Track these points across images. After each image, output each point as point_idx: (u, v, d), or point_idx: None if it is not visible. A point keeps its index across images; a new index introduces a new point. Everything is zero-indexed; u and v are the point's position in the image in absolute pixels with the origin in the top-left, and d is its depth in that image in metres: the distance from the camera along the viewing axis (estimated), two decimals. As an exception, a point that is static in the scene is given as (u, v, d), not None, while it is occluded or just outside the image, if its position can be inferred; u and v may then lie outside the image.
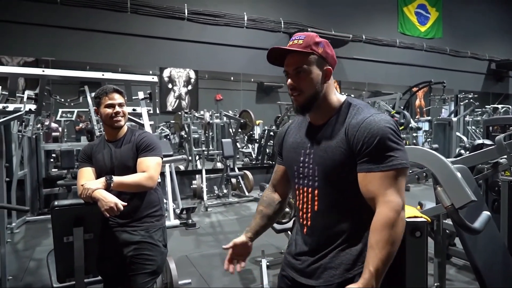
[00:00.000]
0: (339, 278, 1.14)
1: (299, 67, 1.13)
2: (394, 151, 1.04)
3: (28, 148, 5.00)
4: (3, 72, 2.17)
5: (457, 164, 1.66)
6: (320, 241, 1.19)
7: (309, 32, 1.17)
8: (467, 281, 2.98)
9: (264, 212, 1.37)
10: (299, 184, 1.22)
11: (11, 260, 3.23)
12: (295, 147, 1.24)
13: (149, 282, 1.83)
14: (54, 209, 1.65)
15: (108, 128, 1.88)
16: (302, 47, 1.12)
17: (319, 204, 1.17)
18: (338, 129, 1.12)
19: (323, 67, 1.14)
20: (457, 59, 10.25)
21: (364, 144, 1.05)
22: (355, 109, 1.14)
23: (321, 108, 1.16)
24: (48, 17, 5.80)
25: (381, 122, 1.06)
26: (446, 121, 7.31)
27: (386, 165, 1.03)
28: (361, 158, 1.07)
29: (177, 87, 7.18)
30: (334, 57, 1.18)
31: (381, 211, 1.04)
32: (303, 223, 1.22)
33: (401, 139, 1.08)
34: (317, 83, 1.13)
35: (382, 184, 1.04)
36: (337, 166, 1.11)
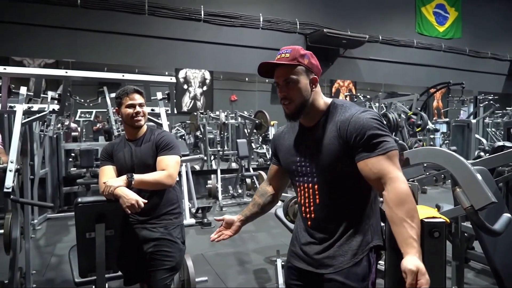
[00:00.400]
0: (348, 263, 1.23)
1: (287, 78, 1.24)
2: (383, 137, 1.15)
3: (49, 147, 5.16)
4: (30, 73, 2.26)
5: (477, 166, 1.64)
6: (324, 231, 1.28)
7: (294, 46, 1.28)
8: (486, 286, 2.93)
9: (256, 201, 1.52)
10: (299, 181, 1.33)
11: (33, 255, 3.33)
12: (292, 149, 1.35)
13: (168, 278, 1.87)
14: (78, 205, 1.70)
15: (129, 127, 1.93)
16: (289, 60, 1.23)
17: (319, 197, 1.27)
18: (329, 127, 1.24)
19: (310, 76, 1.26)
20: (476, 60, 10.03)
21: (358, 136, 1.16)
22: (343, 108, 1.26)
23: (311, 112, 1.28)
24: (68, 19, 5.95)
25: (367, 115, 1.18)
26: (465, 123, 7.17)
27: (381, 149, 1.14)
28: (357, 148, 1.17)
29: (192, 88, 7.26)
30: (319, 67, 1.30)
31: (395, 186, 1.11)
32: (307, 217, 1.32)
33: (386, 128, 1.20)
34: (305, 91, 1.25)
35: (384, 164, 1.14)
36: (332, 160, 1.22)
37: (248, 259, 3.60)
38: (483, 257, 2.67)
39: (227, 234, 1.45)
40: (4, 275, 2.28)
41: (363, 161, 1.16)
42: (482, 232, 1.37)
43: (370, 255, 1.26)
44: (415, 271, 1.00)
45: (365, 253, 1.24)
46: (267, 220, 4.97)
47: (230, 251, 3.81)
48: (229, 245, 4.03)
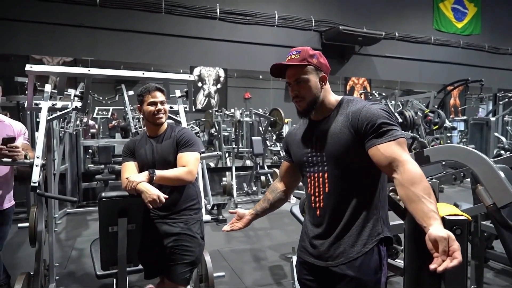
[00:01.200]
0: (358, 253, 1.26)
1: (298, 78, 1.31)
2: (393, 127, 1.20)
3: (69, 143, 5.28)
4: (55, 71, 2.32)
5: (499, 164, 1.62)
6: (333, 220, 1.30)
7: (303, 47, 1.34)
8: (506, 286, 2.89)
9: (267, 197, 1.58)
10: (310, 172, 1.36)
11: (55, 248, 3.42)
12: (302, 142, 1.40)
13: (188, 272, 1.91)
14: (102, 200, 1.74)
15: (150, 124, 1.97)
16: (299, 60, 1.30)
17: (329, 185, 1.30)
18: (340, 118, 1.29)
19: (319, 75, 1.33)
20: (496, 56, 9.80)
21: (369, 123, 1.21)
22: (353, 102, 1.32)
23: (321, 108, 1.34)
24: (87, 18, 6.07)
25: (378, 107, 1.24)
26: (483, 121, 7.03)
27: (392, 135, 1.18)
28: (369, 136, 1.21)
29: (207, 86, 7.31)
30: (328, 65, 1.37)
31: (408, 167, 1.12)
32: (316, 206, 1.35)
33: (395, 120, 1.25)
34: (315, 89, 1.31)
35: (395, 149, 1.17)
36: (343, 148, 1.26)
37: (264, 255, 3.63)
38: (503, 256, 2.64)
39: (238, 226, 1.54)
40: (29, 267, 2.36)
41: (374, 147, 1.20)
42: (504, 230, 1.36)
43: (380, 247, 1.28)
44: (446, 237, 0.99)
45: (375, 243, 1.26)
46: (282, 217, 4.99)
47: (245, 248, 3.84)
48: (245, 241, 4.06)
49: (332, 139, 1.28)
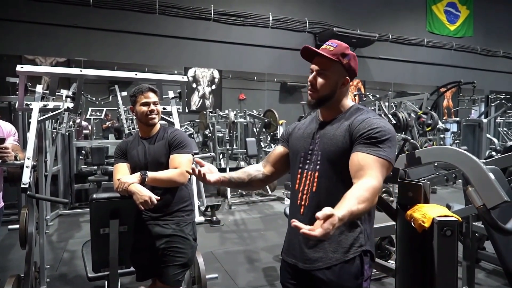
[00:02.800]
0: (338, 260, 1.24)
1: (322, 70, 1.28)
2: (384, 145, 1.18)
3: (61, 144, 5.23)
4: (46, 72, 2.31)
5: (489, 165, 1.63)
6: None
7: (341, 43, 1.30)
8: (497, 286, 2.91)
9: (248, 171, 1.47)
10: (302, 169, 1.34)
11: (46, 250, 3.39)
12: (305, 137, 1.37)
13: (180, 274, 1.90)
14: (93, 201, 1.73)
15: (143, 125, 1.96)
16: (331, 54, 1.26)
17: (317, 185, 1.28)
18: (345, 123, 1.28)
19: (343, 76, 1.29)
20: (488, 59, 9.90)
21: (364, 133, 1.20)
22: (362, 111, 1.30)
23: (333, 107, 1.33)
24: (80, 18, 6.03)
25: (382, 123, 1.22)
26: (475, 122, 7.09)
27: (378, 153, 1.16)
28: (358, 142, 1.20)
29: (201, 87, 7.29)
30: (356, 71, 1.32)
31: (370, 180, 1.11)
32: (301, 204, 1.32)
33: (393, 144, 1.21)
34: (332, 88, 1.29)
35: (372, 165, 1.15)
36: (339, 152, 1.25)
37: (257, 257, 3.62)
38: (494, 257, 2.66)
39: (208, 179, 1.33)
40: (19, 269, 2.34)
41: (356, 153, 1.19)
42: (494, 231, 1.37)
43: (363, 257, 1.25)
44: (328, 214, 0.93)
45: (357, 254, 1.24)
46: (276, 219, 4.99)
47: (239, 249, 3.83)
48: (238, 243, 4.06)
49: (331, 141, 1.28)
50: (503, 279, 2.91)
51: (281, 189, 6.18)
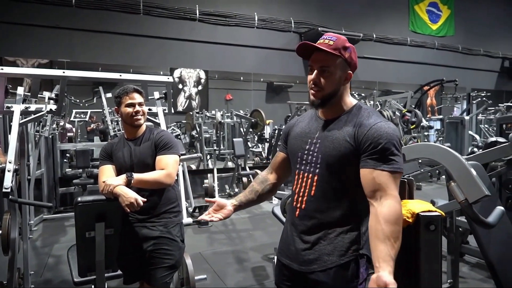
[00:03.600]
0: (333, 263, 1.21)
1: (325, 66, 1.21)
2: (396, 157, 1.14)
3: (45, 148, 5.13)
4: (28, 73, 2.26)
5: (471, 161, 1.67)
6: (311, 225, 1.25)
7: (339, 35, 1.24)
8: (481, 279, 2.98)
9: (255, 188, 1.45)
10: (300, 169, 1.30)
11: (31, 256, 3.32)
12: (303, 136, 1.32)
13: (168, 276, 1.88)
14: (78, 205, 1.70)
15: (128, 126, 1.94)
16: (332, 48, 1.20)
17: (316, 189, 1.24)
18: (348, 125, 1.21)
19: (346, 71, 1.24)
20: (469, 57, 10.13)
21: (372, 143, 1.14)
22: (366, 112, 1.24)
23: (334, 105, 1.26)
24: (62, 19, 5.92)
25: (390, 129, 1.16)
26: (458, 119, 7.25)
27: (390, 166, 1.13)
28: (367, 155, 1.15)
29: (188, 87, 7.25)
30: (357, 64, 1.27)
31: (391, 203, 1.10)
32: (297, 206, 1.29)
33: (401, 149, 1.18)
34: (337, 84, 1.23)
35: (387, 180, 1.12)
36: (341, 157, 1.20)
37: (246, 257, 3.62)
38: (477, 251, 2.72)
39: (218, 217, 1.37)
40: (2, 276, 2.28)
41: (368, 169, 1.15)
42: (476, 224, 1.41)
43: (359, 260, 1.22)
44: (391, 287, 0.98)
45: (353, 257, 1.21)
46: (265, 218, 5.00)
47: (228, 250, 3.83)
48: (227, 243, 4.05)
49: (333, 144, 1.22)
50: (486, 271, 2.98)
51: (269, 188, 6.18)
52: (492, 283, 2.48)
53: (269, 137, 7.87)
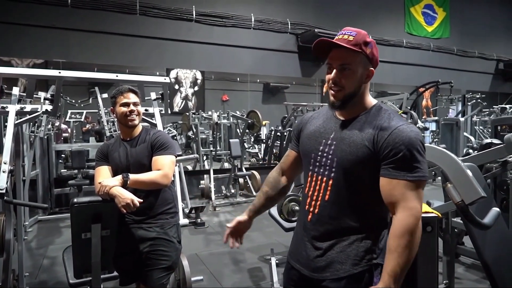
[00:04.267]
0: (345, 272, 1.15)
1: (345, 64, 1.13)
2: (419, 163, 1.07)
3: (40, 148, 5.09)
4: (23, 74, 2.25)
5: (467, 163, 1.68)
6: (324, 231, 1.19)
7: (359, 30, 1.16)
8: (476, 280, 3.00)
9: (269, 194, 1.40)
10: (313, 171, 1.23)
11: (25, 257, 3.30)
12: (317, 135, 1.24)
13: (164, 277, 1.88)
14: (74, 206, 1.69)
15: (123, 126, 1.94)
16: (352, 44, 1.12)
17: (330, 194, 1.18)
18: (367, 128, 1.14)
19: (368, 68, 1.16)
20: (464, 59, 10.20)
21: (393, 150, 1.08)
22: (387, 114, 1.16)
23: (353, 105, 1.18)
24: (58, 19, 5.88)
25: (412, 133, 1.09)
26: (453, 121, 7.29)
27: (413, 175, 1.07)
28: (387, 163, 1.09)
29: (184, 88, 7.24)
30: (378, 60, 1.20)
31: (401, 217, 1.07)
32: (309, 210, 1.23)
33: (425, 153, 1.11)
34: (358, 82, 1.16)
35: (406, 191, 1.07)
36: (358, 162, 1.13)
37: (243, 258, 3.62)
38: (473, 252, 2.74)
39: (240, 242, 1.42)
40: (-3, 278, 2.26)
41: (387, 179, 1.09)
42: (472, 226, 1.41)
43: (374, 272, 1.16)
44: None
45: (366, 267, 1.15)
46: (261, 219, 4.97)
47: (224, 251, 3.82)
48: (223, 244, 4.01)
49: (350, 148, 1.14)
50: (481, 272, 3.00)
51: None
52: (487, 284, 2.50)
53: (265, 138, 7.88)
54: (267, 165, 7.50)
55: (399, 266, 1.05)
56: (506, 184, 2.72)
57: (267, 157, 7.58)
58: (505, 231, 1.95)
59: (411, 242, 1.06)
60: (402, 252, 1.05)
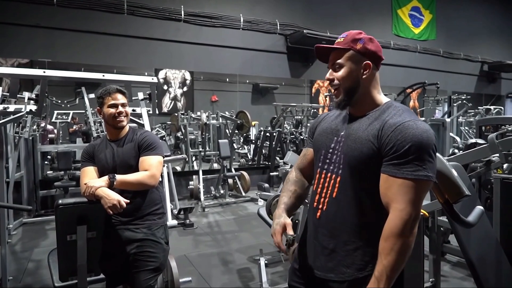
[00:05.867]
0: (350, 276, 1.15)
1: (335, 63, 1.19)
2: (423, 162, 1.02)
3: (24, 149, 5.00)
4: (6, 73, 2.20)
5: (452, 162, 1.70)
6: (331, 229, 1.19)
7: (351, 30, 1.22)
8: (461, 277, 3.04)
9: (298, 192, 1.34)
10: (322, 168, 1.23)
11: (9, 261, 3.22)
12: (329, 132, 1.25)
13: (152, 279, 1.86)
14: (58, 207, 1.66)
15: (111, 127, 1.91)
16: (342, 44, 1.18)
17: (338, 191, 1.17)
18: (373, 124, 1.13)
19: (362, 62, 1.17)
20: (450, 61, 10.38)
21: (394, 146, 1.04)
22: (396, 110, 1.14)
23: (361, 101, 1.19)
24: (44, 18, 5.79)
25: (419, 129, 1.04)
26: (440, 121, 7.40)
27: (411, 173, 1.02)
28: (388, 159, 1.06)
29: (173, 89, 7.20)
30: (377, 53, 1.20)
31: (390, 219, 1.05)
32: (318, 207, 1.22)
33: (435, 152, 1.06)
34: (352, 77, 1.17)
35: (400, 191, 1.03)
36: (363, 159, 1.11)
37: (232, 259, 3.61)
38: (458, 250, 2.78)
39: None
40: (-21, 282, 2.21)
41: (385, 176, 1.07)
42: (457, 224, 1.43)
43: None
44: None
45: (370, 273, 1.11)
46: (250, 220, 4.99)
47: (213, 252, 3.80)
48: (212, 245, 4.02)
49: (356, 144, 1.13)
50: (467, 270, 3.05)
51: (255, 190, 6.19)
52: (472, 282, 2.54)
53: (254, 139, 7.88)
54: (256, 165, 7.50)
55: (385, 269, 1.03)
56: (490, 183, 2.77)
57: (256, 157, 7.58)
58: (488, 230, 1.98)
59: (396, 245, 1.02)
60: (387, 255, 1.03)
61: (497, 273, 1.90)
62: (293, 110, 7.83)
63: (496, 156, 2.47)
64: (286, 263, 3.28)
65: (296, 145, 7.53)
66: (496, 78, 11.42)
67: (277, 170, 3.15)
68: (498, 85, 11.58)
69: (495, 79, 11.43)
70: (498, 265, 1.92)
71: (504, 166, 2.81)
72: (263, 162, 7.51)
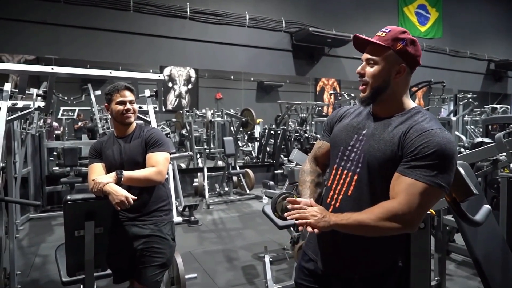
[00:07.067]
0: (361, 273, 1.17)
1: (369, 58, 1.15)
2: (440, 170, 1.01)
3: (31, 145, 5.05)
4: (15, 69, 2.22)
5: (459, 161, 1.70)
6: None
7: (396, 27, 1.16)
8: (466, 276, 3.04)
9: (316, 182, 1.32)
10: (339, 165, 1.22)
11: (17, 256, 3.26)
12: (349, 129, 1.23)
13: (159, 275, 1.87)
14: (67, 203, 1.68)
15: (118, 124, 1.92)
16: (382, 40, 1.14)
17: (353, 190, 1.16)
18: (399, 127, 1.11)
19: (397, 64, 1.13)
20: (456, 59, 10.30)
21: (416, 150, 1.03)
22: (424, 117, 1.11)
23: (387, 102, 1.16)
24: (50, 15, 5.82)
25: (444, 139, 1.03)
26: (445, 120, 7.35)
27: (424, 176, 1.01)
28: (406, 161, 1.05)
29: (178, 86, 7.21)
30: (416, 58, 1.16)
31: (388, 202, 1.05)
32: (331, 203, 1.21)
33: (454, 165, 1.05)
34: (385, 77, 1.13)
35: (406, 190, 1.02)
36: (384, 160, 1.10)
37: (236, 256, 3.62)
38: (464, 249, 2.78)
39: None
40: (-12, 276, 2.24)
41: (398, 174, 1.05)
42: (464, 223, 1.43)
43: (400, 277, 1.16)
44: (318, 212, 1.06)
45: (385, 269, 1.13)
46: (254, 217, 5.00)
47: (218, 248, 3.82)
48: (217, 242, 4.04)
49: (379, 144, 1.12)
50: (472, 269, 3.04)
51: (259, 187, 6.20)
52: (478, 280, 2.54)
53: (259, 136, 7.89)
54: (260, 163, 7.51)
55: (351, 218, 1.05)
56: (496, 182, 2.76)
57: (261, 155, 7.59)
58: (495, 228, 1.98)
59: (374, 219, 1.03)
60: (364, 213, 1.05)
61: (503, 272, 1.90)
62: (297, 108, 7.82)
63: (503, 155, 2.45)
64: (291, 260, 3.29)
65: (300, 143, 7.52)
66: (502, 77, 11.32)
67: (282, 168, 3.16)
68: (504, 83, 11.48)
69: (502, 78, 11.33)
70: (504, 263, 1.91)
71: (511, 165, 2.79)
72: (267, 160, 7.51)
